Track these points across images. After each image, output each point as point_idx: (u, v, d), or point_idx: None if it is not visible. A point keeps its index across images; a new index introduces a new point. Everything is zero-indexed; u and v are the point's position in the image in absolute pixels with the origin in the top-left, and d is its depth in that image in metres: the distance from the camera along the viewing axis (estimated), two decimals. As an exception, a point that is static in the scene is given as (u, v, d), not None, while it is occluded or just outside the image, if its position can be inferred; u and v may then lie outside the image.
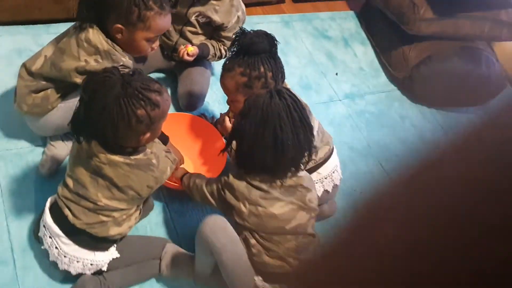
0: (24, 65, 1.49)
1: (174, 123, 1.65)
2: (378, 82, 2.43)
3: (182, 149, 1.60)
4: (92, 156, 1.23)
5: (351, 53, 2.50)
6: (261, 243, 1.30)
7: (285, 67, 1.53)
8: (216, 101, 1.99)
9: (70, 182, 1.27)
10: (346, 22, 2.67)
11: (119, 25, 1.39)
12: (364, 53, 2.54)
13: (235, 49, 1.47)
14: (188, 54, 1.73)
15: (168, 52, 1.89)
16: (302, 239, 1.33)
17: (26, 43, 1.86)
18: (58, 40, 1.47)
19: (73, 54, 1.39)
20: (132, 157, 1.25)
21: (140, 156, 1.26)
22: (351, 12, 2.75)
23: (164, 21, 1.44)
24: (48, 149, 1.56)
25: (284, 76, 1.51)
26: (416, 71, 2.33)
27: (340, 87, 2.31)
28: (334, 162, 1.62)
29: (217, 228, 1.29)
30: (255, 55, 1.43)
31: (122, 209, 1.29)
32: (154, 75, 1.93)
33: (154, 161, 1.29)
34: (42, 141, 1.62)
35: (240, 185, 1.29)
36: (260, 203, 1.28)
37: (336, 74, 2.36)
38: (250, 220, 1.29)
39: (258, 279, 1.33)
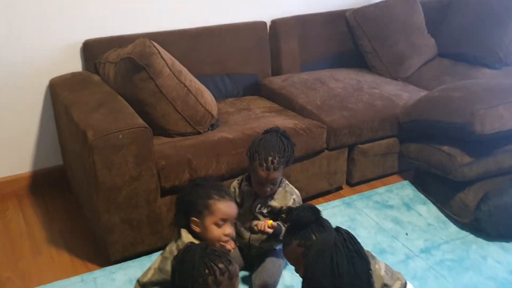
0: (137, 281, 1.83)
1: None
2: (449, 232, 2.56)
3: None
4: None
5: (416, 214, 2.70)
6: None
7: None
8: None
9: None
10: (403, 190, 2.93)
11: (194, 218, 1.79)
12: (427, 211, 2.73)
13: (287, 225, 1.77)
14: (268, 227, 2.00)
15: (246, 250, 2.20)
16: None
17: (136, 274, 2.22)
18: (162, 253, 1.84)
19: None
20: None
21: None
22: (406, 181, 3.02)
23: (225, 206, 1.81)
24: None
25: None
26: (479, 212, 2.46)
27: (414, 244, 2.46)
28: (409, 296, 1.72)
29: None
30: (304, 226, 1.69)
31: None
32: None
33: None
34: None
35: None
36: None
37: (407, 234, 2.53)
38: None
39: None
